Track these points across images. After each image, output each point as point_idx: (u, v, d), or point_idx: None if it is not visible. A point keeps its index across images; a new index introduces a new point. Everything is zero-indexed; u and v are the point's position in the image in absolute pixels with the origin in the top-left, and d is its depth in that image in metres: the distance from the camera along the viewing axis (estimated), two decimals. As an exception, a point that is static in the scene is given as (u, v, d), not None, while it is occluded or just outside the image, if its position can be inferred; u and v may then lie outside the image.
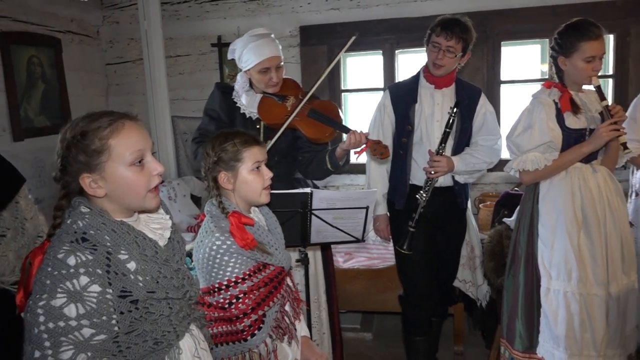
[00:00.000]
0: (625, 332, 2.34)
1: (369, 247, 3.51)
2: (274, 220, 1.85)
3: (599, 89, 2.22)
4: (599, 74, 2.31)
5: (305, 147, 2.51)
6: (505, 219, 2.84)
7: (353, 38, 2.34)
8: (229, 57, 2.51)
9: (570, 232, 2.25)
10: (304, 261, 2.12)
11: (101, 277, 1.16)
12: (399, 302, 2.91)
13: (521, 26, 3.89)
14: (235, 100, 2.50)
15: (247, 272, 1.65)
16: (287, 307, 1.77)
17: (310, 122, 2.39)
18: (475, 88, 2.69)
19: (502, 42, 3.99)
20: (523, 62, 4.16)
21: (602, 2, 3.74)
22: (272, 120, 2.39)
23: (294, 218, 2.03)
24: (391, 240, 2.85)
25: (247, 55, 2.37)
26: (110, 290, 1.17)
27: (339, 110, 2.49)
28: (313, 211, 2.02)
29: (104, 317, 1.15)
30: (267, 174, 1.73)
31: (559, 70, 2.32)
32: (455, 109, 2.48)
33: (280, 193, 2.00)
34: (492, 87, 4.00)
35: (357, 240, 2.18)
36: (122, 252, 1.21)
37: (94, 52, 4.54)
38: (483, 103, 2.64)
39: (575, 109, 2.27)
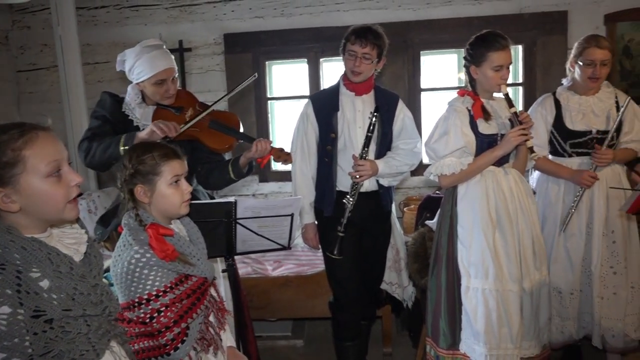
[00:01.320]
0: (539, 324, 2.49)
1: (297, 253, 3.52)
2: (196, 230, 1.83)
3: (507, 97, 2.36)
4: (510, 82, 2.47)
5: (205, 158, 2.51)
6: (427, 222, 2.95)
7: (252, 78, 2.49)
8: (118, 68, 2.45)
9: (486, 232, 2.37)
10: (229, 270, 2.10)
11: (11, 297, 1.10)
12: (329, 308, 2.95)
13: (439, 36, 4.07)
14: (126, 112, 2.42)
15: (169, 285, 1.61)
16: (211, 318, 1.75)
17: (212, 132, 2.41)
18: (393, 94, 2.79)
19: (421, 52, 4.15)
20: (442, 70, 4.36)
21: (511, 15, 4.00)
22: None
23: (219, 228, 2.01)
24: (320, 248, 2.89)
25: (140, 67, 2.33)
26: (22, 311, 1.11)
27: (239, 121, 2.53)
28: (238, 220, 2.01)
29: (16, 340, 1.10)
30: (187, 188, 1.71)
31: (472, 79, 2.45)
32: (375, 113, 2.55)
33: (204, 203, 1.98)
34: (413, 94, 4.15)
35: (284, 248, 2.19)
36: (34, 269, 1.16)
37: (3, 58, 4.28)
38: (401, 108, 2.73)
39: (486, 115, 2.40)
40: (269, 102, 4.34)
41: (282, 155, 2.42)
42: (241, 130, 2.51)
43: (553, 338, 2.72)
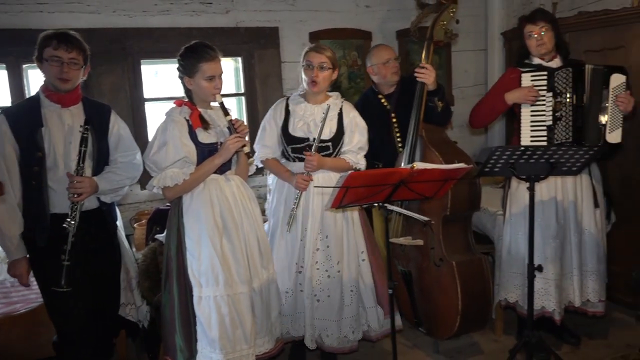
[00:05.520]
0: (271, 319, 2.64)
1: (5, 290, 3.02)
2: None
3: (222, 105, 2.43)
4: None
5: None
6: (157, 236, 2.87)
7: None
8: None
9: (213, 239, 2.40)
10: None
11: None
12: (54, 349, 2.62)
13: (159, 45, 3.97)
14: None
15: None
16: None
17: None
18: (104, 105, 2.64)
19: (142, 61, 4.00)
20: (170, 80, 4.27)
21: (229, 28, 4.16)
22: None
23: None
24: (37, 283, 2.52)
25: None
26: None
27: None
28: None
29: None
30: None
31: (187, 89, 2.47)
32: (87, 126, 2.39)
33: None
34: (136, 105, 3.98)
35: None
36: None
37: None
38: (115, 120, 2.60)
39: (205, 125, 2.44)
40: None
41: None
42: None
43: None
